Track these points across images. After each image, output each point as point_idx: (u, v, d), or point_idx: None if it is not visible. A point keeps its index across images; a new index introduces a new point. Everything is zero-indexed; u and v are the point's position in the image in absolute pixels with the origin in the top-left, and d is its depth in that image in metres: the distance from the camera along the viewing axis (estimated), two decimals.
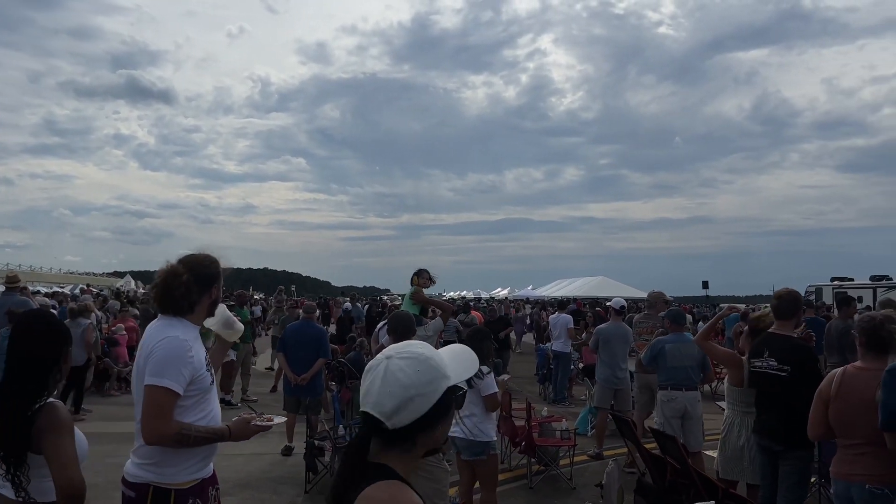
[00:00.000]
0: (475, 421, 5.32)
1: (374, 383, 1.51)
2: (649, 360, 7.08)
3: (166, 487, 2.75)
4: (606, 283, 39.07)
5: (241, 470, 7.52)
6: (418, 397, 1.49)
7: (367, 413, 1.50)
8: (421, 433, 1.52)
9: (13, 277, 9.93)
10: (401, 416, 1.48)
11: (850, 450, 3.88)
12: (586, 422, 9.93)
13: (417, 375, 1.50)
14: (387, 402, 1.48)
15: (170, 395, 2.70)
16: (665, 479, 5.17)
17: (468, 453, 5.35)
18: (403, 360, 1.52)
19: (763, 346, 4.99)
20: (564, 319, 13.38)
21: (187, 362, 2.76)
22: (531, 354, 17.92)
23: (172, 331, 2.82)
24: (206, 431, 2.80)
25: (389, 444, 1.51)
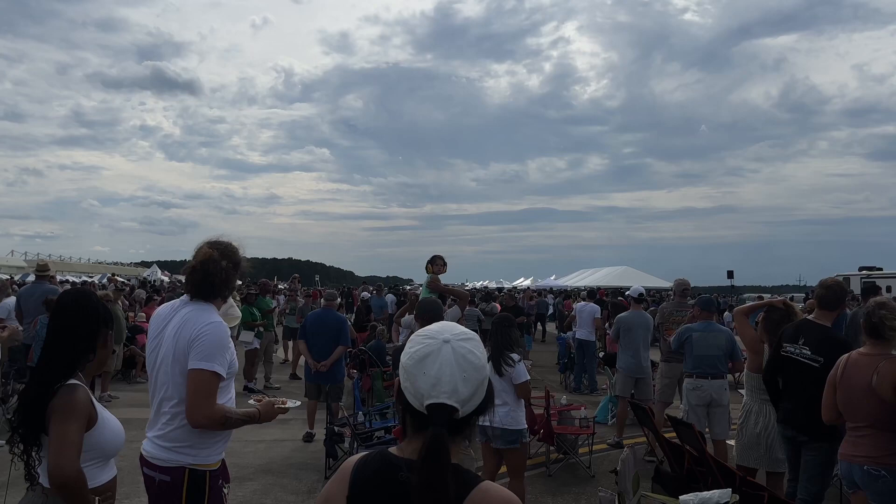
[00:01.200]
0: (508, 409, 5.34)
1: (445, 370, 1.38)
2: (677, 346, 7.07)
3: (202, 469, 2.81)
4: (629, 272, 38.88)
5: (263, 456, 7.62)
6: (486, 378, 1.44)
7: (441, 405, 1.37)
8: (479, 417, 1.46)
9: (44, 266, 10.14)
10: (473, 401, 1.41)
11: (854, 432, 4.06)
12: (607, 410, 9.91)
13: (483, 355, 1.45)
14: (463, 387, 1.38)
15: (217, 379, 2.78)
16: (683, 467, 5.16)
17: (502, 442, 5.33)
18: (466, 342, 1.44)
19: (799, 333, 4.92)
20: (591, 308, 13.34)
21: (228, 348, 2.86)
22: (554, 343, 17.89)
23: (214, 316, 2.89)
24: (242, 414, 2.90)
25: (454, 435, 1.40)
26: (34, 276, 10.13)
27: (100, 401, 8.94)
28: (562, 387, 13.50)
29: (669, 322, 8.19)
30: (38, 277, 9.78)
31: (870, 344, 4.07)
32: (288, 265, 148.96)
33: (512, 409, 5.37)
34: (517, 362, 5.40)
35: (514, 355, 5.45)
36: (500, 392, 5.31)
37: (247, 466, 7.13)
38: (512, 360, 5.36)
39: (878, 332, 4.00)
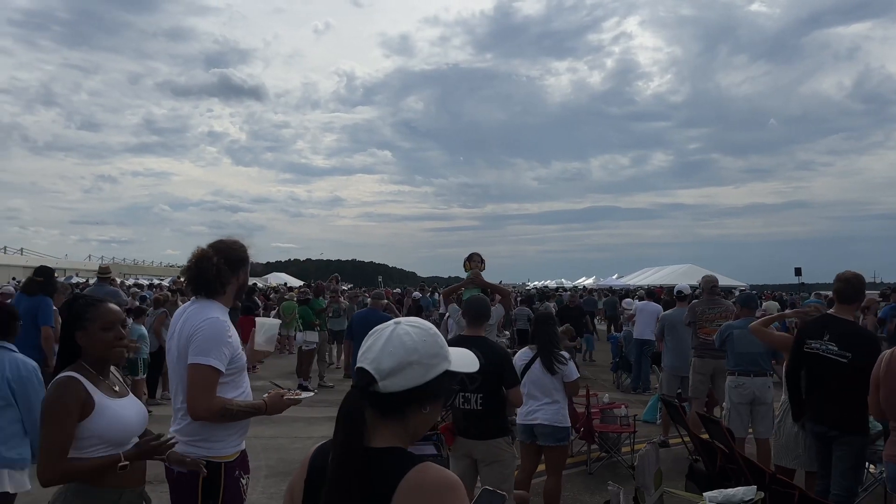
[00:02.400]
0: (559, 407, 5.36)
1: (377, 343, 1.50)
2: (720, 345, 6.98)
3: (217, 461, 2.96)
4: (694, 270, 37.93)
5: (309, 452, 7.82)
6: (417, 365, 1.48)
7: (362, 370, 1.48)
8: (411, 406, 1.51)
9: (105, 269, 10.67)
10: (395, 380, 1.47)
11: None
12: (655, 410, 9.81)
13: (423, 344, 1.51)
14: (386, 360, 1.47)
15: (215, 373, 2.91)
16: (716, 464, 5.12)
17: (551, 439, 5.33)
18: (412, 328, 1.53)
19: (823, 328, 4.83)
20: (653, 308, 13.16)
21: (227, 342, 2.97)
22: (603, 342, 17.72)
23: (212, 312, 3.02)
24: (245, 406, 3.02)
25: (382, 415, 1.49)
26: (97, 279, 10.63)
27: (161, 398, 9.25)
28: (614, 386, 13.39)
29: (702, 320, 8.07)
30: (99, 280, 10.27)
31: None
32: (352, 267, 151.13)
33: (562, 407, 5.40)
34: (568, 360, 5.43)
35: (565, 353, 5.49)
36: (550, 390, 5.34)
37: (293, 462, 7.34)
38: (564, 358, 5.37)
39: None
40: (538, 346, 5.45)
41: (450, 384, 1.58)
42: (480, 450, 4.60)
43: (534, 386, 5.31)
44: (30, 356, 6.97)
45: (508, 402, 4.70)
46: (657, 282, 35.26)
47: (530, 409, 5.30)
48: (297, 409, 10.40)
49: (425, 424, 1.58)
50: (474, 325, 4.86)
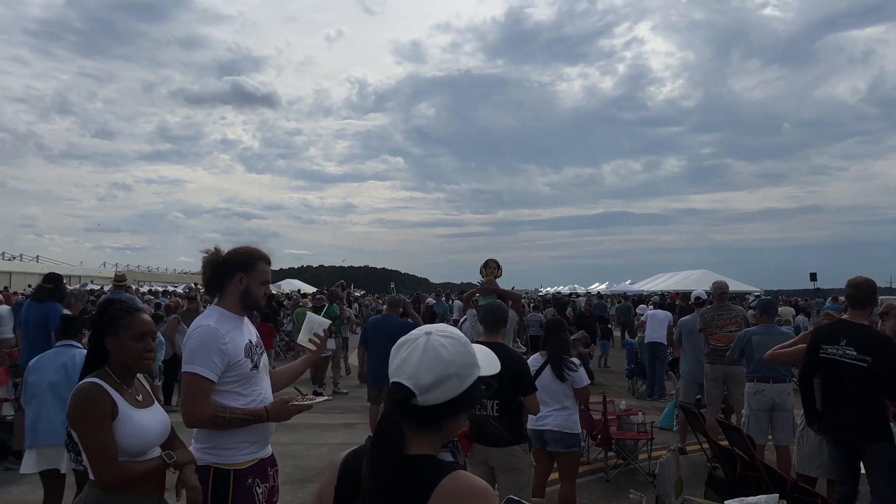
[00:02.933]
0: (568, 413, 5.37)
1: (413, 355, 1.49)
2: (739, 354, 6.90)
3: (226, 468, 2.94)
4: (708, 276, 37.64)
5: (325, 459, 7.82)
6: (455, 377, 1.48)
7: (399, 384, 1.47)
8: (447, 418, 1.51)
9: (121, 276, 10.75)
10: (435, 394, 1.46)
11: None
12: (672, 416, 9.73)
13: (458, 355, 1.50)
14: (424, 375, 1.46)
15: (200, 380, 2.88)
16: (736, 472, 5.06)
17: (561, 445, 5.35)
18: (445, 338, 1.51)
19: (839, 334, 4.76)
20: (663, 315, 13.21)
21: (218, 349, 2.93)
22: (622, 349, 17.62)
23: (206, 320, 3.03)
24: (242, 413, 2.95)
25: (419, 427, 1.49)
26: (113, 287, 10.70)
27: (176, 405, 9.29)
28: (629, 392, 13.32)
29: (712, 326, 8.00)
30: (115, 287, 10.34)
31: None
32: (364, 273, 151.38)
33: (572, 413, 5.41)
34: (578, 367, 5.42)
35: (575, 360, 5.47)
36: (560, 396, 5.34)
37: (310, 469, 7.34)
38: (574, 365, 5.38)
39: None
40: (549, 353, 5.45)
41: (480, 389, 1.58)
42: (497, 457, 4.58)
43: (544, 392, 5.29)
44: None
45: (525, 409, 4.67)
46: (671, 287, 35.11)
47: (540, 414, 5.28)
48: (311, 416, 10.39)
49: (456, 429, 1.59)
50: (491, 332, 4.84)
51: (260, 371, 3.12)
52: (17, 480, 6.68)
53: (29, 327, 7.29)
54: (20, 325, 8.09)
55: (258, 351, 3.14)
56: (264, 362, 3.19)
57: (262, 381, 3.15)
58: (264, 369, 3.19)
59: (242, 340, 3.06)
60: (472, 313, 7.71)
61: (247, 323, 3.20)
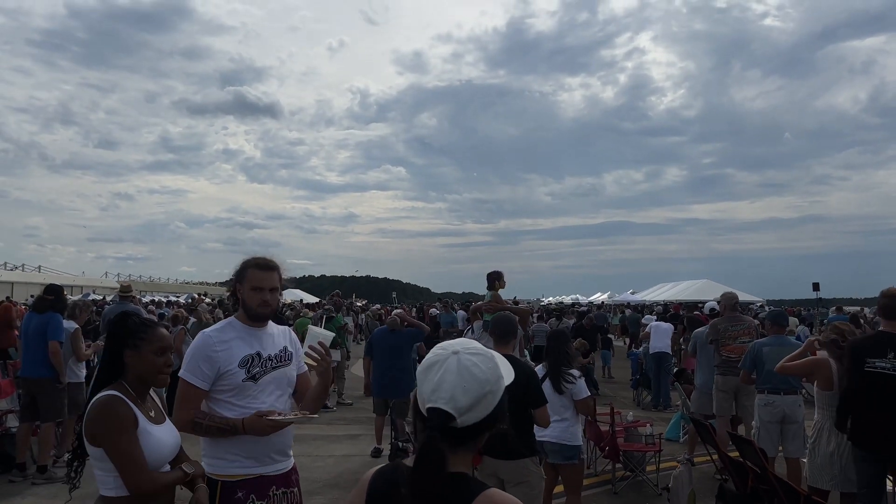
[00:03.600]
0: (567, 425, 5.33)
1: (446, 378, 1.45)
2: (750, 365, 6.83)
3: (215, 478, 2.92)
4: (710, 286, 37.60)
5: (331, 471, 7.77)
6: (490, 394, 1.46)
7: (437, 409, 1.44)
8: (483, 433, 1.50)
9: (127, 287, 10.73)
10: (473, 413, 1.44)
11: None
12: (678, 427, 9.67)
13: (491, 373, 1.48)
14: (462, 398, 1.43)
15: (186, 386, 2.95)
16: (747, 485, 5.01)
17: (560, 457, 5.32)
18: (475, 356, 1.49)
19: (886, 346, 4.63)
20: (667, 326, 13.21)
21: (208, 357, 2.95)
22: (626, 360, 17.57)
23: (209, 328, 3.11)
24: (220, 422, 2.90)
25: (457, 444, 1.46)
26: (118, 297, 10.68)
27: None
28: (634, 403, 13.26)
29: (725, 337, 7.94)
30: (121, 298, 10.32)
31: None
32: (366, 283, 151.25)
33: (571, 425, 5.36)
34: (578, 378, 5.38)
35: (574, 371, 5.44)
36: (558, 408, 5.29)
37: (315, 481, 7.28)
38: (572, 377, 5.34)
39: None
40: (548, 365, 5.42)
41: (506, 399, 1.55)
42: (507, 470, 4.53)
43: None
44: (41, 372, 7.13)
45: (535, 422, 4.63)
46: (673, 297, 35.06)
47: None
48: (317, 427, 10.38)
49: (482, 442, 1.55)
50: (501, 343, 4.81)
51: (261, 384, 3.04)
52: (21, 492, 6.64)
53: (28, 338, 7.28)
54: (20, 336, 8.09)
55: (268, 364, 3.07)
56: (276, 377, 3.09)
57: (267, 396, 3.05)
58: (274, 384, 3.08)
59: (243, 351, 3.02)
60: (477, 325, 7.68)
61: (267, 334, 3.14)
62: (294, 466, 3.18)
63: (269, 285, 3.10)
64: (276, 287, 3.12)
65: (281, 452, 3.06)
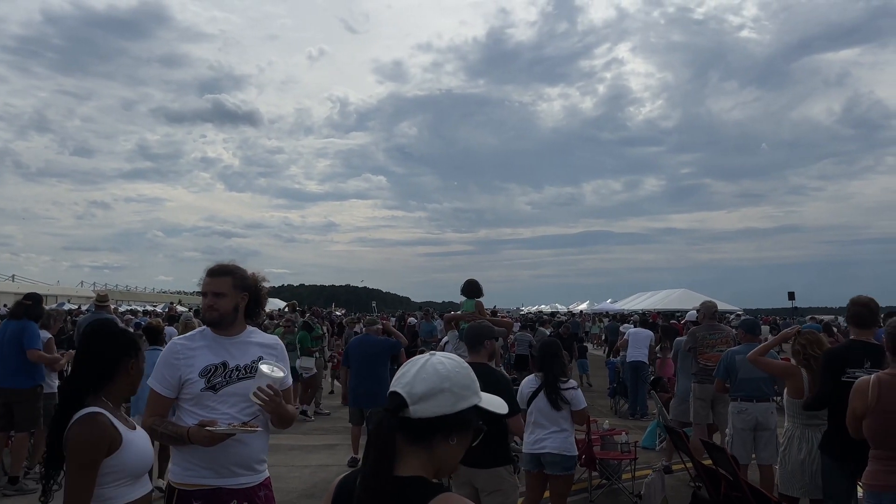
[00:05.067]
0: (566, 436, 5.31)
1: (411, 370, 1.54)
2: (724, 373, 6.90)
3: (172, 485, 2.93)
4: (688, 295, 38.08)
5: (307, 481, 7.74)
6: (448, 393, 1.50)
7: (394, 393, 1.51)
8: (438, 435, 1.51)
9: (103, 297, 10.62)
10: (426, 405, 1.48)
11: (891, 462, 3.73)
12: (654, 436, 9.74)
13: (455, 374, 1.53)
14: (419, 385, 1.49)
15: (152, 392, 3.00)
16: (720, 492, 5.07)
17: (559, 468, 5.26)
18: (446, 359, 1.57)
19: (861, 356, 4.63)
20: (646, 334, 13.26)
21: (171, 364, 2.98)
22: (604, 368, 17.64)
23: (178, 337, 3.18)
24: (172, 430, 2.90)
25: (410, 441, 1.50)
26: (94, 307, 10.58)
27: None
28: (611, 412, 13.32)
29: (702, 346, 8.03)
30: (97, 307, 10.22)
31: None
32: (345, 292, 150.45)
33: (569, 435, 5.35)
34: (575, 389, 5.39)
35: (572, 382, 5.45)
36: (557, 418, 5.28)
37: (291, 491, 7.25)
38: (564, 399, 5.27)
39: None
40: (544, 379, 5.38)
41: (478, 421, 1.59)
42: (481, 478, 4.54)
43: (540, 414, 5.25)
44: (17, 381, 7.03)
45: (509, 431, 4.65)
46: (651, 306, 35.37)
47: (538, 437, 5.24)
48: (293, 436, 10.33)
49: (451, 458, 1.57)
50: (475, 352, 4.83)
51: (222, 395, 2.98)
52: None
53: (3, 345, 7.18)
54: None
55: (234, 375, 3.01)
56: (241, 388, 2.98)
57: (229, 407, 2.98)
58: (238, 395, 2.99)
59: (207, 360, 2.99)
60: (453, 335, 7.69)
61: (240, 343, 3.10)
62: (266, 482, 3.09)
63: (212, 289, 3.05)
64: (221, 292, 3.05)
65: (244, 466, 2.97)
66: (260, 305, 3.24)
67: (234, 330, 3.11)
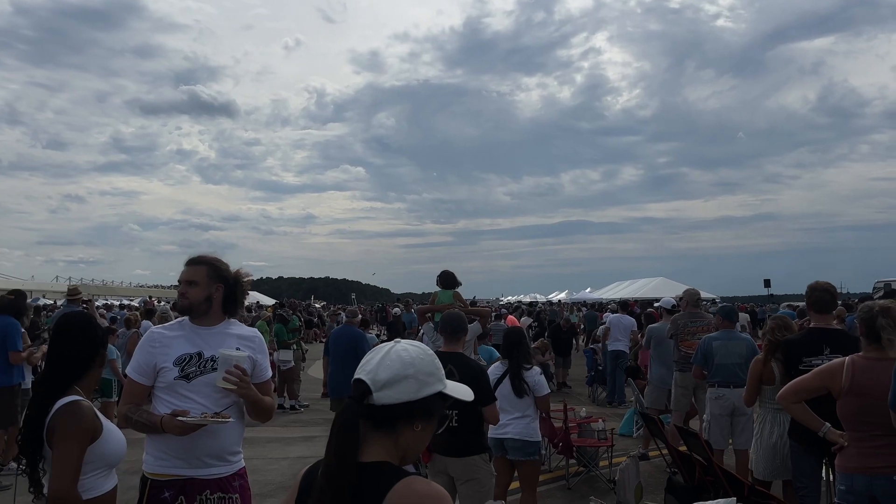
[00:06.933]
0: (528, 421, 5.36)
1: (375, 357, 1.56)
2: (701, 359, 6.97)
3: (145, 475, 2.94)
4: (666, 283, 38.28)
5: (286, 472, 7.71)
6: (412, 379, 1.52)
7: (358, 380, 1.53)
8: (402, 421, 1.53)
9: (74, 290, 10.50)
10: (389, 392, 1.50)
11: (871, 442, 3.75)
12: (632, 423, 9.83)
13: (420, 361, 1.55)
14: (382, 372, 1.51)
15: (127, 380, 3.05)
16: (695, 477, 5.12)
17: (521, 454, 5.33)
18: (411, 346, 1.60)
19: (820, 342, 4.70)
20: (628, 322, 13.29)
21: (147, 352, 3.01)
22: (582, 357, 17.75)
23: (157, 326, 3.22)
24: (147, 418, 2.91)
25: (374, 427, 1.52)
26: (66, 301, 10.46)
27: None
28: (589, 400, 13.41)
29: (684, 333, 8.09)
30: (69, 301, 10.10)
31: (872, 348, 3.84)
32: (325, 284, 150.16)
33: (532, 421, 5.39)
34: (538, 374, 5.42)
35: (533, 370, 5.47)
36: (520, 404, 5.33)
37: (269, 483, 7.23)
38: (527, 386, 5.32)
39: (878, 339, 3.86)
40: (509, 365, 5.43)
41: (442, 407, 1.61)
42: (457, 467, 4.56)
43: (504, 400, 5.28)
44: None
45: (485, 420, 4.66)
46: (630, 295, 35.51)
47: (501, 423, 5.27)
48: (272, 429, 10.29)
49: (416, 444, 1.59)
50: (451, 341, 4.83)
51: (195, 384, 2.98)
52: None
53: None
54: None
55: (208, 365, 3.00)
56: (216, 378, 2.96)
57: (202, 397, 2.97)
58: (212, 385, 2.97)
59: (183, 349, 3.01)
60: (428, 326, 7.70)
61: (218, 334, 3.10)
62: (240, 472, 3.10)
63: (185, 278, 3.10)
64: (194, 280, 3.08)
65: (216, 456, 2.98)
66: (237, 299, 3.22)
67: (212, 321, 3.13)
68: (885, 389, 3.66)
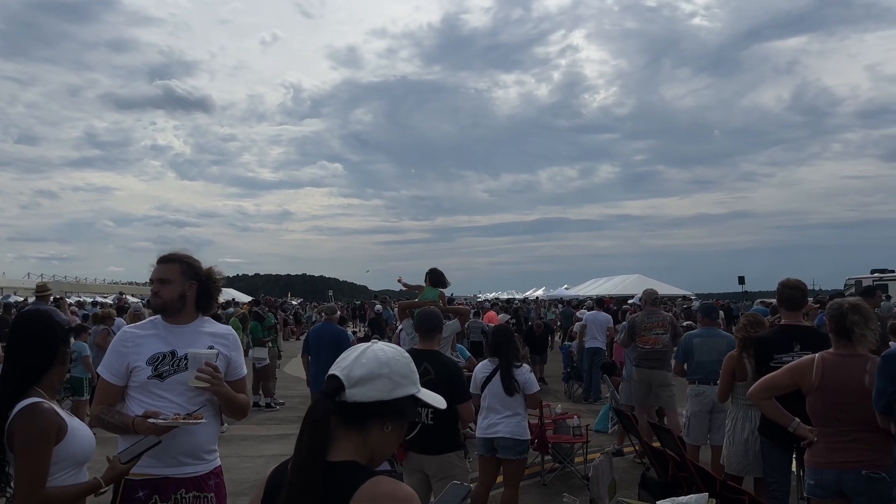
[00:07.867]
0: (519, 420, 5.33)
1: (351, 355, 1.57)
2: (682, 356, 7.03)
3: None
4: (642, 280, 38.54)
5: (260, 471, 7.66)
6: (386, 379, 1.54)
7: (332, 376, 1.54)
8: (372, 420, 1.54)
9: (42, 287, 10.33)
10: (363, 389, 1.52)
11: (840, 437, 3.81)
12: (607, 419, 9.89)
13: (395, 362, 1.57)
14: (357, 369, 1.53)
15: (100, 380, 3.02)
16: (668, 473, 5.17)
17: (511, 452, 5.28)
18: (388, 347, 1.61)
19: (790, 339, 4.73)
20: (604, 318, 13.33)
21: (119, 352, 2.98)
22: (558, 353, 17.84)
23: (129, 325, 3.18)
24: (119, 418, 2.90)
25: (345, 424, 1.53)
26: (35, 298, 10.30)
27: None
28: (565, 396, 13.47)
29: (641, 329, 8.21)
30: (38, 298, 9.95)
31: (841, 345, 3.89)
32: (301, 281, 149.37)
33: (522, 419, 5.38)
34: (527, 373, 5.42)
35: (523, 367, 5.46)
36: (511, 402, 5.31)
37: (243, 482, 7.18)
38: (518, 384, 5.30)
39: (849, 335, 3.90)
40: (499, 364, 5.40)
41: (414, 411, 1.63)
42: (432, 465, 4.56)
43: (494, 399, 5.28)
44: None
45: (460, 417, 4.66)
46: (606, 292, 35.72)
47: (491, 422, 5.26)
48: (247, 427, 10.24)
49: (385, 446, 1.60)
50: (427, 339, 4.82)
51: (169, 383, 2.95)
52: None
53: None
54: None
55: (182, 364, 2.97)
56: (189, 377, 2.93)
57: (176, 396, 2.96)
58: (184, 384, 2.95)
59: (156, 348, 2.98)
60: (408, 322, 7.68)
61: (191, 332, 3.08)
62: (216, 470, 3.08)
63: (158, 276, 3.07)
64: (167, 278, 3.05)
65: (191, 455, 2.96)
66: (211, 296, 3.20)
67: (185, 318, 3.10)
68: (855, 386, 3.74)
